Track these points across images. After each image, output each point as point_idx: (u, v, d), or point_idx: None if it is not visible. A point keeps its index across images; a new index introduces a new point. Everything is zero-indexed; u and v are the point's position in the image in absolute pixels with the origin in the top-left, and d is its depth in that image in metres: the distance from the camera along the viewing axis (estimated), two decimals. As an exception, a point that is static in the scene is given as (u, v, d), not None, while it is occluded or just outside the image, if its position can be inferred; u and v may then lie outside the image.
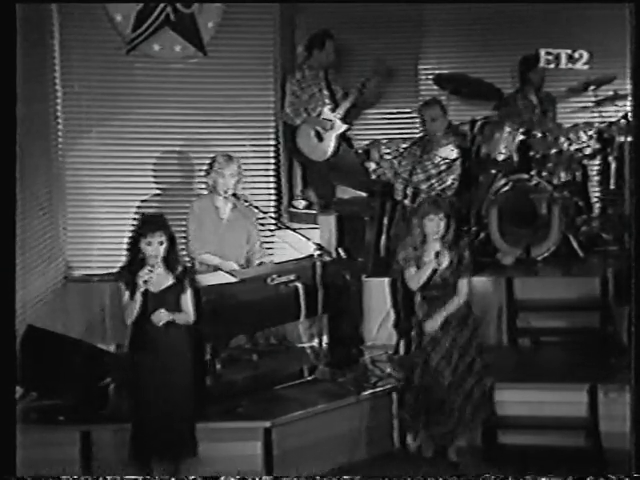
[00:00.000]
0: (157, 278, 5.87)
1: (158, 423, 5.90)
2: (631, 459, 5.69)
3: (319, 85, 8.59)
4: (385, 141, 8.56)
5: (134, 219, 6.08)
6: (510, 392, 6.79)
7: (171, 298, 5.93)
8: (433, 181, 7.74)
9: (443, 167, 7.75)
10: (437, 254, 6.30)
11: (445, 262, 6.33)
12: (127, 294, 5.86)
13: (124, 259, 5.99)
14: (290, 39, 8.95)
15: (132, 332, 5.98)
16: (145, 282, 5.80)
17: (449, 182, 7.80)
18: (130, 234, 5.97)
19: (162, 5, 8.09)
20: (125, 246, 6.00)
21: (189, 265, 6.67)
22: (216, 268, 7.05)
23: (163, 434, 5.92)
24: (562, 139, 8.32)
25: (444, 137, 8.04)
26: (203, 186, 7.49)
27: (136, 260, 5.89)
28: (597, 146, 8.42)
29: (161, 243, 5.85)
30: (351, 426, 6.70)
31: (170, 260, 5.92)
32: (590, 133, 8.36)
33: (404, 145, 8.32)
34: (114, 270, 6.29)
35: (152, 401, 5.91)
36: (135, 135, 8.21)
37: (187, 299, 5.99)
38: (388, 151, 8.01)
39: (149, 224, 5.92)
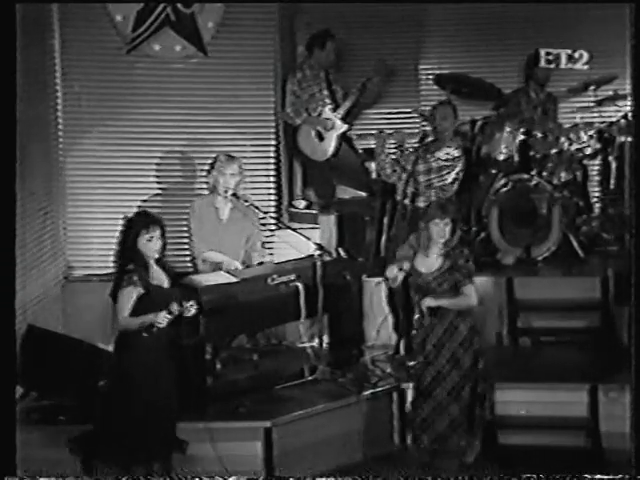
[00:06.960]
0: (157, 280, 5.83)
1: (139, 424, 5.81)
2: (631, 459, 5.70)
3: (319, 85, 8.58)
4: (390, 132, 8.40)
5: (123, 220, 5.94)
6: (510, 392, 6.79)
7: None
8: (433, 176, 7.72)
9: (444, 163, 7.74)
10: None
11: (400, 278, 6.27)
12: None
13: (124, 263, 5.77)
14: (290, 39, 8.95)
15: (119, 332, 5.89)
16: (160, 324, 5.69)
17: (449, 180, 7.78)
18: (125, 235, 5.79)
19: (162, 5, 8.09)
20: (120, 249, 5.82)
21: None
22: (217, 267, 7.05)
23: (143, 435, 5.83)
24: (562, 139, 8.32)
25: (451, 139, 8.00)
26: (204, 186, 7.49)
27: (138, 260, 5.76)
28: (597, 146, 8.41)
29: (159, 237, 5.75)
30: (351, 426, 6.71)
31: (164, 260, 5.87)
32: (590, 133, 8.35)
33: (409, 140, 8.26)
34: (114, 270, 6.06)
35: (133, 401, 5.81)
36: (135, 135, 8.21)
37: None
38: (392, 143, 7.97)
39: (146, 219, 5.80)
